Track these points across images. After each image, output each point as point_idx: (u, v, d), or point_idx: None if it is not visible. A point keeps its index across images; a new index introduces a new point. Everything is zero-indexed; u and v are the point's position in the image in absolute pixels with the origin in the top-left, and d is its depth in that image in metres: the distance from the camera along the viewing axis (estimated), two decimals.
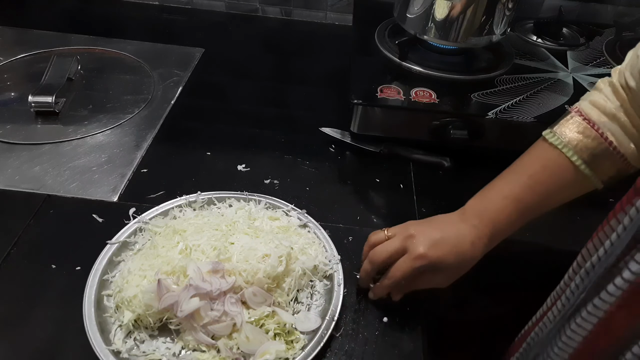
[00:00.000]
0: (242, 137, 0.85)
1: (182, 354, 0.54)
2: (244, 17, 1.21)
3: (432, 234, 0.55)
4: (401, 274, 0.55)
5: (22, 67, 0.97)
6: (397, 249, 0.55)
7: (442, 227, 0.56)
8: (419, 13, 0.84)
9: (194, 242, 0.58)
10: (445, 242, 0.54)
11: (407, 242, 0.55)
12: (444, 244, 0.54)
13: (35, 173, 0.74)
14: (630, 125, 0.52)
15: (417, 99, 0.80)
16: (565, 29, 1.05)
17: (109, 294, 0.57)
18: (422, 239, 0.54)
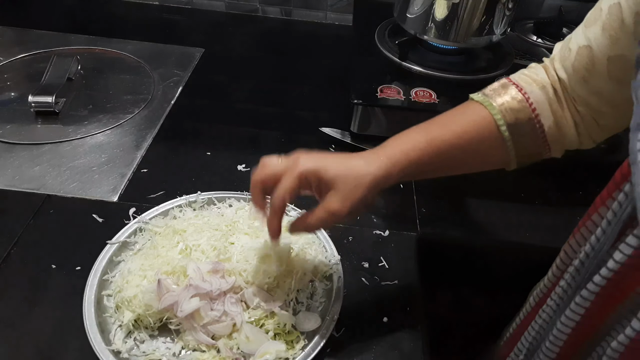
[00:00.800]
0: (242, 137, 0.85)
1: (182, 354, 0.54)
2: (244, 17, 1.21)
3: (319, 155, 0.50)
4: (283, 190, 0.48)
5: (22, 67, 0.97)
6: (283, 167, 0.50)
7: (335, 154, 0.52)
8: (419, 13, 0.84)
9: (194, 242, 0.59)
10: (331, 157, 0.50)
11: (292, 161, 0.50)
12: (330, 158, 0.50)
13: (35, 173, 0.74)
14: (556, 104, 0.52)
15: (417, 99, 0.80)
16: (565, 29, 1.05)
17: (109, 294, 0.57)
18: (306, 156, 0.50)
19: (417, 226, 0.71)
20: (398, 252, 0.67)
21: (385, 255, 0.66)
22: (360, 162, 0.49)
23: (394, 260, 0.66)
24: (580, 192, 0.80)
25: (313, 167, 0.49)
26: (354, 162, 0.49)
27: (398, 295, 0.62)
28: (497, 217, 0.74)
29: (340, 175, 0.48)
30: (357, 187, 0.48)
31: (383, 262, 0.65)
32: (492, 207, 0.76)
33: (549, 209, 0.76)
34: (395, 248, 0.68)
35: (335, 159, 0.50)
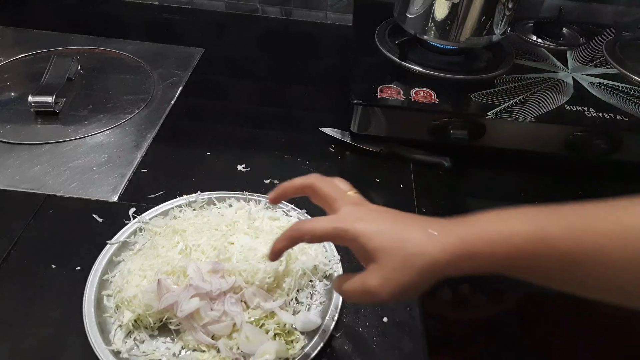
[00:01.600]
0: (242, 137, 0.85)
1: (182, 354, 0.54)
2: (244, 17, 1.21)
3: (371, 212, 0.41)
4: (311, 231, 0.41)
5: (22, 67, 0.97)
6: (330, 201, 0.43)
7: (395, 216, 0.41)
8: (419, 13, 0.84)
9: (194, 242, 0.59)
10: (384, 218, 0.40)
11: (339, 206, 0.43)
12: (382, 220, 0.40)
13: (35, 173, 0.74)
14: None
15: (417, 99, 0.80)
16: (565, 29, 1.05)
17: (109, 294, 0.57)
18: (355, 212, 0.41)
19: None
20: None
21: None
22: (419, 235, 0.38)
23: None
24: (580, 192, 0.80)
25: (354, 233, 0.39)
26: (410, 233, 0.38)
27: None
28: None
29: (387, 248, 0.38)
30: (406, 268, 0.37)
31: None
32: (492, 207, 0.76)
33: None
34: None
35: (387, 223, 0.40)
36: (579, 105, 0.80)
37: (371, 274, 0.39)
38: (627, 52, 0.96)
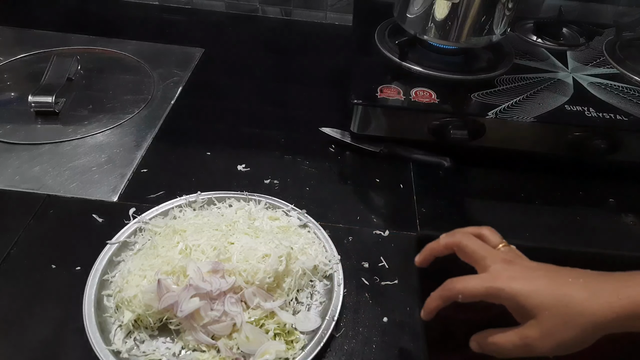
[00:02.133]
0: (242, 137, 0.85)
1: (182, 354, 0.54)
2: (244, 17, 1.21)
3: (527, 269, 0.41)
4: (464, 290, 0.42)
5: (22, 67, 0.97)
6: (483, 260, 0.43)
7: (552, 272, 0.41)
8: (419, 13, 0.84)
9: (194, 242, 0.59)
10: (543, 275, 0.40)
11: (493, 265, 0.43)
12: (541, 278, 0.40)
13: (35, 173, 0.74)
14: None
15: (417, 99, 0.80)
16: (565, 29, 1.05)
17: (109, 294, 0.57)
18: (512, 271, 0.41)
19: (417, 226, 0.71)
20: (398, 252, 0.67)
21: (385, 255, 0.66)
22: (582, 293, 0.37)
23: (394, 260, 0.66)
24: (580, 192, 0.80)
25: (510, 292, 0.40)
26: (572, 291, 0.38)
27: (398, 295, 0.62)
28: (497, 217, 0.74)
29: (548, 306, 0.38)
30: (569, 326, 0.37)
31: (383, 262, 0.65)
32: (492, 207, 0.76)
33: (549, 209, 0.76)
34: (395, 248, 0.68)
35: (545, 280, 0.40)
36: (579, 105, 0.80)
37: (531, 329, 0.39)
38: (627, 52, 0.96)
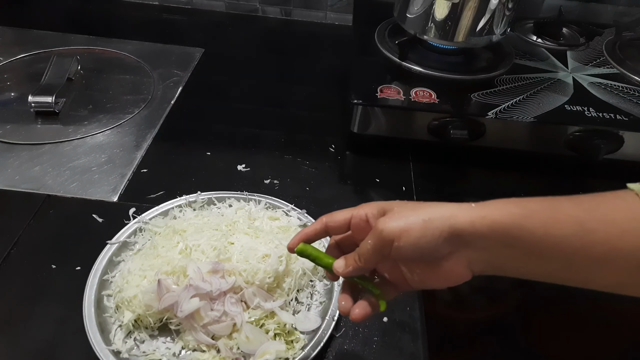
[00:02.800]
0: (242, 137, 0.85)
1: (182, 354, 0.54)
2: (244, 17, 1.21)
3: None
4: (326, 217, 0.43)
5: (22, 67, 0.97)
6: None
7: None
8: (419, 13, 0.84)
9: (194, 242, 0.58)
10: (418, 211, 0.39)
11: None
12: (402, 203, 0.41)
13: (35, 173, 0.74)
14: None
15: (417, 99, 0.80)
16: (565, 29, 1.05)
17: (109, 294, 0.57)
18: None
19: None
20: None
21: None
22: (439, 207, 0.39)
23: None
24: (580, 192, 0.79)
25: (376, 204, 0.43)
26: (431, 207, 0.40)
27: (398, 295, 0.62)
28: None
29: (402, 204, 0.41)
30: (418, 210, 0.39)
31: None
32: None
33: None
34: None
35: (409, 204, 0.42)
36: (579, 105, 0.80)
37: (381, 219, 0.39)
38: (627, 52, 0.96)
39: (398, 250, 0.38)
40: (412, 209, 0.39)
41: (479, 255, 0.38)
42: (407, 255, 0.39)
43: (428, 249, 0.38)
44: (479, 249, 0.38)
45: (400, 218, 0.39)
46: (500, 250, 0.38)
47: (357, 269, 0.42)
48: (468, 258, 0.39)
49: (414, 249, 0.38)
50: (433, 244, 0.38)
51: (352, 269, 0.42)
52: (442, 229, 0.37)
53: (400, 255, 0.39)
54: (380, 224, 0.39)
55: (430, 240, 0.38)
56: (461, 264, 0.39)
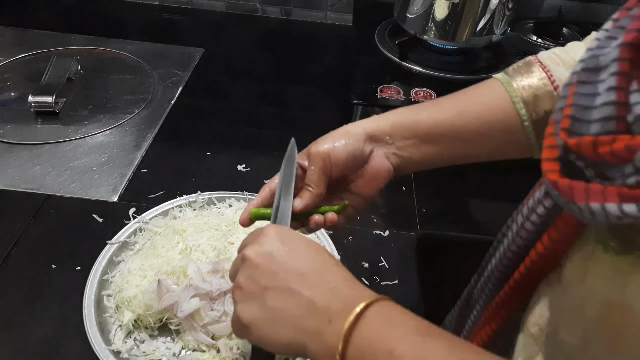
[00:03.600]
0: (242, 137, 0.85)
1: (182, 354, 0.54)
2: (244, 17, 1.21)
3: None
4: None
5: (22, 67, 0.97)
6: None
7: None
8: (419, 13, 0.84)
9: (194, 242, 0.59)
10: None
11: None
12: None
13: (35, 173, 0.74)
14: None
15: (417, 99, 0.80)
16: (565, 29, 1.05)
17: (109, 294, 0.57)
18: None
19: (417, 226, 0.71)
20: (398, 252, 0.67)
21: (385, 255, 0.66)
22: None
23: (394, 260, 0.66)
24: None
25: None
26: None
27: (398, 295, 0.62)
28: (497, 216, 0.74)
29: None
30: (336, 130, 0.48)
31: (383, 262, 0.65)
32: (492, 207, 0.76)
33: None
34: (395, 248, 0.68)
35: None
36: None
37: (315, 144, 0.48)
38: None
39: (336, 161, 0.46)
40: (330, 133, 0.48)
41: (389, 148, 0.48)
42: (342, 161, 0.46)
43: (354, 151, 0.47)
44: (388, 144, 0.48)
45: (327, 138, 0.48)
46: (403, 142, 0.48)
47: (313, 197, 0.46)
48: (384, 153, 0.48)
49: (346, 155, 0.46)
50: (357, 146, 0.47)
51: (309, 199, 0.46)
52: (359, 132, 0.47)
53: (338, 164, 0.46)
54: (314, 149, 0.47)
55: (355, 143, 0.47)
56: (381, 159, 0.48)
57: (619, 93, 0.29)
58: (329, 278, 0.36)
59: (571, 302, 0.35)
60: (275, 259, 0.37)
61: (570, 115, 0.31)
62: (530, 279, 0.39)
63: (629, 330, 0.30)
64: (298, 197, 0.47)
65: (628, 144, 0.26)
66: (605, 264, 0.32)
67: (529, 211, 0.40)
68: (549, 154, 0.32)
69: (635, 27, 0.29)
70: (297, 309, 0.35)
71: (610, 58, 0.30)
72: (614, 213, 0.26)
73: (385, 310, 0.34)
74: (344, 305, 0.34)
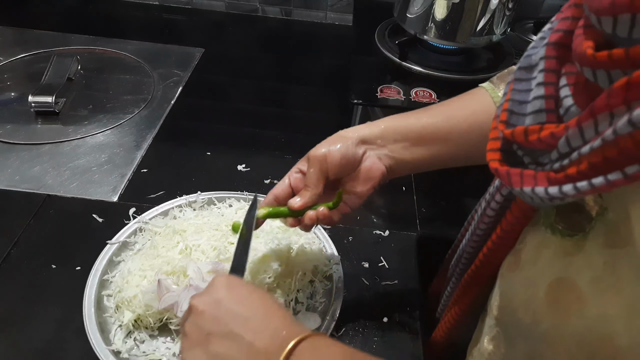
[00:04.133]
0: (242, 137, 0.85)
1: None
2: (244, 17, 1.21)
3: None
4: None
5: (22, 67, 0.97)
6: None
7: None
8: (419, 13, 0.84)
9: (194, 242, 0.59)
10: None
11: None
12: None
13: (35, 173, 0.74)
14: None
15: (417, 99, 0.80)
16: None
17: (109, 294, 0.57)
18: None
19: (417, 226, 0.71)
20: (398, 252, 0.67)
21: (385, 255, 0.66)
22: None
23: (394, 260, 0.66)
24: None
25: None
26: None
27: (398, 295, 0.62)
28: None
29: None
30: (332, 136, 0.52)
31: (383, 262, 0.65)
32: None
33: None
34: (395, 248, 0.68)
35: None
36: None
37: (313, 150, 0.51)
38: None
39: (332, 163, 0.49)
40: (327, 139, 0.52)
41: (381, 150, 0.51)
42: (337, 163, 0.49)
43: (347, 154, 0.50)
44: (380, 146, 0.51)
45: (323, 143, 0.51)
46: (395, 144, 0.51)
47: (311, 196, 0.50)
48: (377, 155, 0.51)
49: (341, 157, 0.49)
50: (351, 149, 0.50)
51: (308, 198, 0.50)
52: (353, 137, 0.51)
53: (334, 166, 0.50)
54: (312, 152, 0.51)
55: (349, 146, 0.50)
56: (373, 161, 0.51)
57: (547, 88, 0.32)
58: (269, 321, 0.38)
59: (526, 283, 0.38)
60: (220, 305, 0.39)
61: (507, 109, 0.35)
62: (493, 259, 0.43)
63: (573, 306, 0.32)
64: (297, 196, 0.51)
65: (553, 132, 0.30)
66: (554, 246, 0.35)
67: (490, 197, 0.43)
68: (492, 145, 0.36)
69: (561, 28, 0.33)
70: (238, 352, 0.36)
71: (539, 56, 0.34)
72: (541, 195, 0.30)
73: (314, 344, 0.36)
74: (280, 344, 0.36)
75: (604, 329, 0.30)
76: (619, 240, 0.30)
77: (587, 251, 0.32)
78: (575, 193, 0.28)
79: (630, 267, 0.29)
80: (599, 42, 0.28)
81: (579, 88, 0.31)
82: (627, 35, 0.26)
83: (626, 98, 0.25)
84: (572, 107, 0.30)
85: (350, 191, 0.52)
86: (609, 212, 0.31)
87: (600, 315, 0.31)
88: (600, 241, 0.31)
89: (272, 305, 0.40)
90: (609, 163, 0.26)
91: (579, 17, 0.32)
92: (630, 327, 0.29)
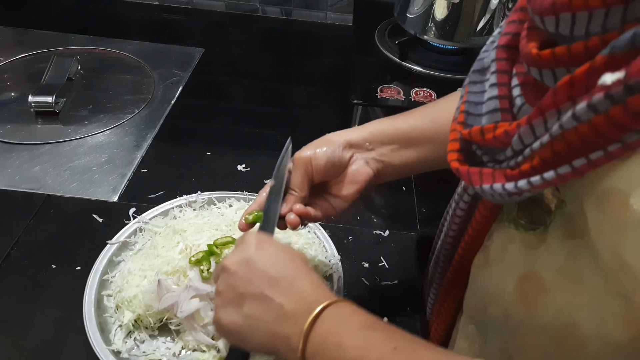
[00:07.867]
0: (242, 137, 0.85)
1: (182, 354, 0.54)
2: (244, 17, 1.21)
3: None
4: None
5: (22, 67, 0.97)
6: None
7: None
8: (419, 13, 0.84)
9: (194, 242, 0.58)
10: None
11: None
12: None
13: (35, 173, 0.74)
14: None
15: (417, 99, 0.80)
16: None
17: (109, 294, 0.57)
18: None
19: (417, 226, 0.71)
20: (398, 252, 0.67)
21: (385, 255, 0.66)
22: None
23: (394, 260, 0.66)
24: None
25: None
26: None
27: (398, 295, 0.62)
28: None
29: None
30: (319, 139, 0.51)
31: (383, 262, 0.65)
32: None
33: None
34: (395, 248, 0.68)
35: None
36: None
37: (299, 152, 0.51)
38: None
39: (317, 165, 0.49)
40: (314, 141, 0.51)
41: (369, 154, 0.51)
42: (322, 166, 0.49)
43: (333, 157, 0.49)
44: (368, 150, 0.51)
45: (309, 145, 0.51)
46: (382, 147, 0.51)
47: (296, 200, 0.49)
48: (364, 158, 0.51)
49: (326, 160, 0.49)
50: (337, 152, 0.50)
51: (293, 202, 0.49)
52: (340, 141, 0.50)
53: (319, 169, 0.49)
54: (297, 155, 0.50)
55: (335, 149, 0.50)
56: (360, 164, 0.51)
57: (500, 88, 0.33)
58: (298, 284, 0.39)
59: (495, 280, 0.38)
60: (251, 265, 0.40)
61: (464, 111, 0.36)
62: (468, 259, 0.43)
63: (540, 298, 0.33)
64: (284, 204, 0.50)
65: (507, 130, 0.31)
66: (518, 241, 0.36)
67: (458, 197, 0.44)
68: (452, 146, 0.37)
69: (509, 31, 0.34)
70: (269, 314, 0.38)
71: (490, 59, 0.35)
72: (500, 191, 0.31)
73: (339, 310, 0.37)
74: (307, 308, 0.37)
75: (570, 318, 0.31)
76: (577, 231, 0.31)
77: (549, 243, 0.33)
78: (530, 188, 0.29)
79: (589, 257, 0.29)
80: (543, 43, 0.30)
81: (528, 87, 0.32)
82: (569, 32, 0.27)
83: (570, 95, 0.26)
84: (524, 105, 0.31)
85: (336, 195, 0.52)
86: (567, 205, 0.32)
87: (566, 305, 0.31)
88: (560, 233, 0.32)
89: (301, 266, 0.40)
90: (559, 157, 0.27)
91: (525, 20, 0.33)
92: (594, 315, 0.30)
